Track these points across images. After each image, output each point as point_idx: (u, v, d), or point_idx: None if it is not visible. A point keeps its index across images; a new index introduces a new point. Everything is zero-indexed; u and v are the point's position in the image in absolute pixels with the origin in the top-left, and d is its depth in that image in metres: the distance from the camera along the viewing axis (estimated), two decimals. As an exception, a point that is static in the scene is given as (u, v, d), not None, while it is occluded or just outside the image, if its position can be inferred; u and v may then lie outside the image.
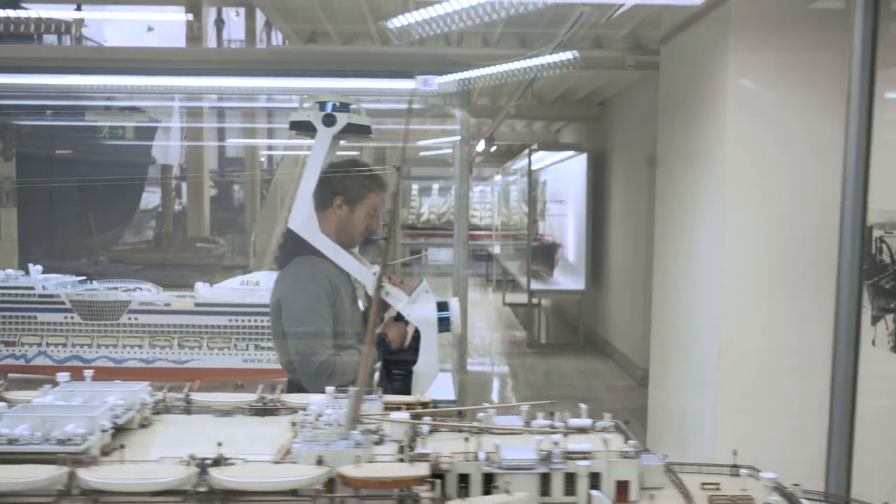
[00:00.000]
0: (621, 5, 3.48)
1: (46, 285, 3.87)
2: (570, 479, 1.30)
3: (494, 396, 7.39)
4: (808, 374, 3.77)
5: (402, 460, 1.30)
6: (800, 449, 3.79)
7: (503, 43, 4.71)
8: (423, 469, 1.24)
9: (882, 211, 3.55)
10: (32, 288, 3.77)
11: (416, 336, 2.59)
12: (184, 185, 17.22)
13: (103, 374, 3.81)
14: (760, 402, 3.78)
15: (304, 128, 2.52)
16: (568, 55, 3.80)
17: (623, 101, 8.60)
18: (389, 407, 1.62)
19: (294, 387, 2.59)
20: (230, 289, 3.91)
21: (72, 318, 3.78)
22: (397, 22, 2.96)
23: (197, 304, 3.83)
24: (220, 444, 1.28)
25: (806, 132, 3.68)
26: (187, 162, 16.91)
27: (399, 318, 2.61)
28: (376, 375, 2.60)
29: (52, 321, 3.77)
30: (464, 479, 1.29)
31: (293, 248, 2.57)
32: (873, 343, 3.59)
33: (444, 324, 2.53)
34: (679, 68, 4.60)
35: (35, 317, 3.73)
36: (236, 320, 3.83)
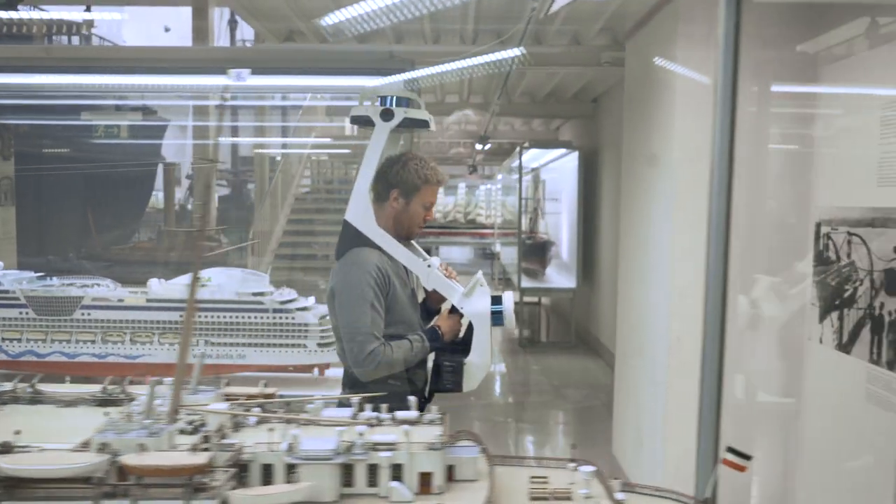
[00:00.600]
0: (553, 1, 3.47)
1: (3, 281, 3.95)
2: (375, 470, 1.31)
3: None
4: (751, 371, 3.73)
5: (206, 449, 1.32)
6: (747, 448, 3.75)
7: (449, 40, 4.71)
8: (202, 458, 1.25)
9: (829, 207, 3.50)
10: (-12, 284, 3.86)
11: (470, 329, 2.59)
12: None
13: (57, 369, 3.88)
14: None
15: (363, 122, 2.57)
16: (515, 52, 3.78)
17: (614, 98, 8.55)
18: (231, 398, 1.63)
19: (351, 377, 2.61)
20: (182, 285, 3.95)
21: (26, 313, 3.85)
22: (330, 20, 2.97)
23: (148, 300, 3.89)
24: (17, 433, 1.31)
25: (752, 130, 3.64)
26: (195, 160, 17.03)
27: (454, 310, 2.63)
28: (428, 367, 2.64)
29: (7, 316, 3.85)
30: (269, 469, 1.30)
31: (349, 240, 2.60)
32: (820, 341, 3.55)
33: (497, 317, 2.54)
34: (639, 65, 4.57)
35: (-14, 313, 3.82)
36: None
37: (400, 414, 1.55)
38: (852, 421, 3.29)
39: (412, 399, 1.84)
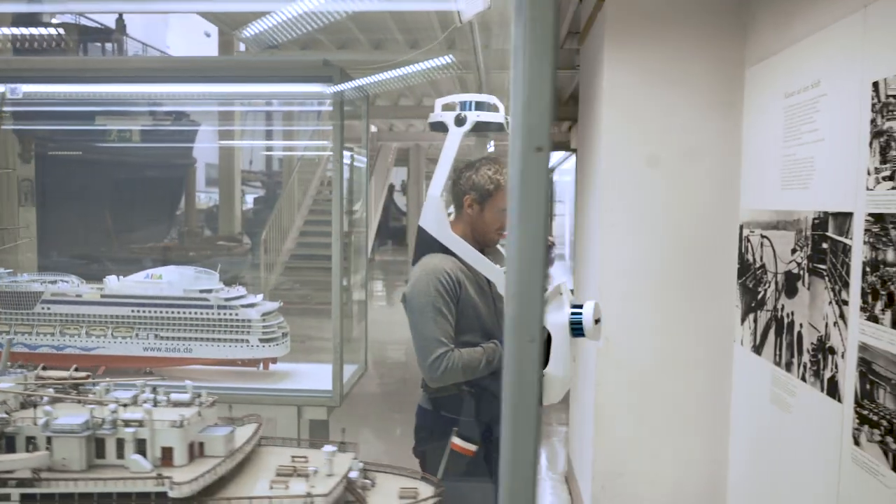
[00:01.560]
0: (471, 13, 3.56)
1: (-29, 277, 4.23)
2: (123, 444, 1.44)
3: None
4: (682, 374, 3.76)
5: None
6: (672, 447, 3.79)
7: (393, 48, 4.82)
8: None
9: (747, 210, 3.52)
10: (-45, 280, 4.14)
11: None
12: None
13: (19, 359, 4.12)
14: (637, 401, 3.79)
15: (441, 129, 2.57)
16: (445, 59, 3.88)
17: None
18: (42, 379, 1.79)
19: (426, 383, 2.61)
20: (136, 282, 4.16)
21: (-9, 306, 4.13)
22: (250, 31, 3.12)
23: (103, 296, 4.11)
24: None
25: (680, 131, 3.68)
26: (221, 163, 17.58)
27: None
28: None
29: (-27, 311, 4.13)
30: (32, 441, 1.45)
31: (423, 246, 2.58)
32: (741, 343, 3.56)
33: (576, 329, 2.36)
34: (585, 68, 4.62)
35: (-43, 306, 4.10)
36: (138, 311, 4.07)
37: (174, 396, 1.68)
38: (762, 422, 3.30)
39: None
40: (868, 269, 2.34)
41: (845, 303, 2.48)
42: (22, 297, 4.11)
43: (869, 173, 2.33)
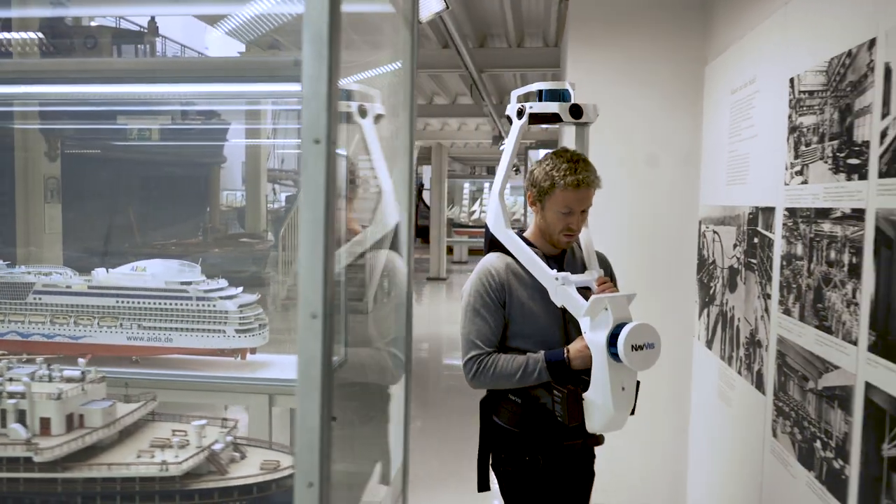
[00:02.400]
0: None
1: (-30, 267, 4.46)
2: (5, 414, 1.57)
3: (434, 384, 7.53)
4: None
5: None
6: (637, 441, 3.81)
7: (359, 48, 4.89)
8: None
9: (703, 206, 3.54)
10: (-46, 269, 4.37)
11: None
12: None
13: (12, 346, 4.34)
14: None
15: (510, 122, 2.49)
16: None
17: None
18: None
19: None
20: (122, 274, 4.33)
21: (-13, 296, 4.36)
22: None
23: (90, 287, 4.30)
24: None
25: (645, 129, 3.70)
26: (248, 162, 17.88)
27: None
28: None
29: (-29, 300, 4.35)
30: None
31: (488, 244, 2.45)
32: (698, 337, 3.58)
33: (614, 352, 2.08)
34: (562, 68, 4.66)
35: (-44, 296, 4.33)
36: (123, 302, 4.25)
37: (67, 371, 1.81)
38: (711, 416, 3.32)
39: None
40: (784, 262, 2.37)
41: (769, 296, 2.51)
42: (15, 288, 4.32)
43: (786, 168, 2.36)
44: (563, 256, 2.40)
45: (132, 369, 3.94)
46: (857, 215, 1.82)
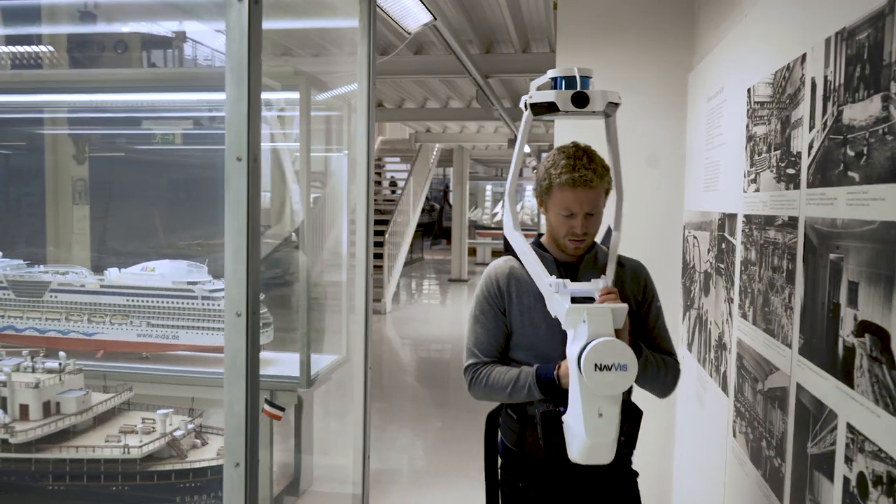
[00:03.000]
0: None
1: (-7, 267, 4.70)
2: (-10, 402, 1.73)
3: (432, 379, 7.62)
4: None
5: None
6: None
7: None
8: None
9: (686, 212, 3.61)
10: (-22, 268, 4.62)
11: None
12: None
13: (31, 342, 4.56)
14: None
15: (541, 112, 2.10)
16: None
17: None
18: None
19: None
20: (133, 273, 4.54)
21: (7, 294, 4.58)
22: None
23: (102, 286, 4.51)
24: None
25: (636, 135, 3.77)
26: (273, 164, 18.13)
27: None
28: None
29: (-6, 297, 4.60)
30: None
31: (505, 247, 2.29)
32: (682, 341, 3.65)
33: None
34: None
35: (-22, 293, 4.58)
36: (133, 300, 4.46)
37: (48, 364, 1.96)
38: (691, 417, 3.39)
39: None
40: (742, 268, 2.45)
41: (731, 300, 2.59)
42: (32, 287, 4.55)
43: (744, 176, 2.44)
44: (578, 264, 2.14)
45: (136, 364, 4.14)
46: (793, 223, 1.90)
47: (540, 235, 2.23)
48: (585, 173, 1.99)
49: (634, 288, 2.18)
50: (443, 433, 5.93)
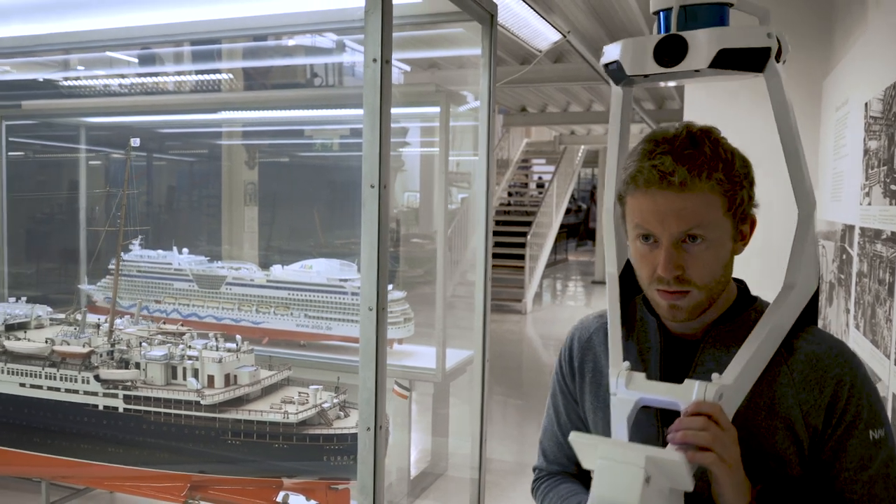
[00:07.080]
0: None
1: (181, 262, 5.47)
2: (186, 371, 2.17)
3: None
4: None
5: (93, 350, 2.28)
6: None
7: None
8: (84, 350, 2.21)
9: (819, 220, 3.58)
10: (170, 263, 5.41)
11: None
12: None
13: (210, 328, 5.27)
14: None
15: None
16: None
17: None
18: (160, 329, 2.60)
19: None
20: (294, 270, 5.12)
21: (193, 286, 5.33)
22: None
23: (269, 281, 5.13)
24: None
25: (764, 141, 3.78)
26: (422, 167, 18.90)
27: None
28: None
29: (181, 288, 5.35)
30: (136, 364, 2.23)
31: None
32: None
33: None
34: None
35: (172, 284, 5.35)
36: (293, 294, 5.04)
37: (228, 345, 2.39)
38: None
39: None
40: (857, 279, 2.48)
41: (848, 311, 2.61)
42: (212, 280, 5.26)
43: (861, 189, 2.47)
44: (703, 338, 1.23)
45: (294, 351, 4.69)
46: (894, 238, 1.96)
47: None
48: (667, 162, 1.11)
49: (808, 402, 1.15)
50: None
